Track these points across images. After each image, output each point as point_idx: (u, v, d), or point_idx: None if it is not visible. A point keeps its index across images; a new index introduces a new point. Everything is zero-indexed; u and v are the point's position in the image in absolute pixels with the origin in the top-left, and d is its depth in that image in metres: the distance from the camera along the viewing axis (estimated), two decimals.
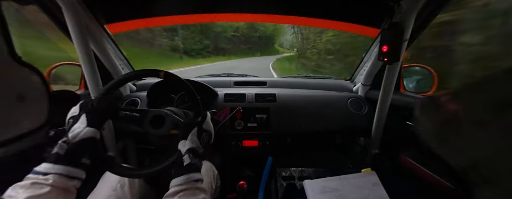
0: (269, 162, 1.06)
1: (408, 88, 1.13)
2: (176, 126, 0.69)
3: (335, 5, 1.02)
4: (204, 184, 0.79)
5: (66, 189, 0.48)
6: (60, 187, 0.47)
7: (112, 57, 1.07)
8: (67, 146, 0.51)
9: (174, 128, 0.68)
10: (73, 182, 0.50)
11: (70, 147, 0.51)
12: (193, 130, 0.63)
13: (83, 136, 0.54)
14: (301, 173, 1.20)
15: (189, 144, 0.60)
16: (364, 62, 1.25)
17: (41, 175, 0.46)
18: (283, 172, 1.20)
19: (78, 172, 0.51)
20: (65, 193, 0.48)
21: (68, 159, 0.50)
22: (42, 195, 0.44)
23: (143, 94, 1.13)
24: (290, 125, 1.10)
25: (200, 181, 0.56)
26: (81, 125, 0.55)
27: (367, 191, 0.84)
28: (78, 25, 0.80)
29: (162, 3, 1.00)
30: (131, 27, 1.12)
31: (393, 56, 0.81)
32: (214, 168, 0.93)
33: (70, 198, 0.49)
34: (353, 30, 1.18)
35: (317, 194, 0.84)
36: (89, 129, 0.55)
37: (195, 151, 0.60)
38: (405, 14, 0.77)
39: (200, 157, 0.61)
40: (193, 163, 0.57)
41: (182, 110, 0.82)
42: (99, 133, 0.58)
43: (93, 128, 0.56)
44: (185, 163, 0.56)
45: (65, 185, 0.48)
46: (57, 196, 0.46)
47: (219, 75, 1.59)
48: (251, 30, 26.24)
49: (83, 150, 0.54)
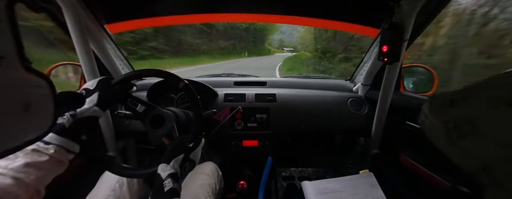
0: (269, 162, 1.06)
1: (408, 88, 1.13)
2: (170, 136, 0.68)
3: (335, 5, 1.02)
4: (208, 186, 0.80)
5: (61, 161, 0.49)
6: (57, 158, 0.48)
7: (112, 57, 1.07)
8: (73, 120, 0.52)
9: (167, 136, 0.67)
10: (68, 156, 0.51)
11: (75, 122, 0.53)
12: (178, 157, 0.60)
13: (90, 114, 0.57)
14: (301, 173, 1.20)
15: (170, 170, 0.57)
16: (364, 62, 1.25)
17: (43, 143, 0.47)
18: (283, 172, 1.20)
19: (75, 146, 0.52)
20: (60, 164, 0.49)
21: (71, 133, 0.51)
22: (40, 163, 0.45)
23: (143, 94, 1.13)
24: (290, 125, 1.10)
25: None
26: (91, 102, 0.58)
27: (365, 192, 0.84)
28: (78, 25, 0.80)
29: (162, 3, 1.00)
30: (131, 27, 1.12)
31: (393, 56, 0.81)
32: (218, 170, 0.93)
33: (61, 170, 0.51)
34: (353, 30, 1.18)
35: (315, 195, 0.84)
36: (97, 108, 0.58)
37: (176, 177, 0.57)
38: (405, 14, 0.77)
39: (179, 182, 0.58)
40: (174, 188, 0.54)
41: (182, 110, 0.82)
42: (103, 113, 0.60)
43: (100, 109, 0.59)
44: (166, 188, 0.53)
45: (61, 157, 0.49)
46: (53, 166, 0.48)
47: (219, 75, 1.59)
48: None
49: (85, 127, 0.56)
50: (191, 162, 0.63)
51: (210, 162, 0.92)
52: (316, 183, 0.88)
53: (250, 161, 1.19)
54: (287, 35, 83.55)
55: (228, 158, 1.19)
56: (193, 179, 0.79)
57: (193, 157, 0.64)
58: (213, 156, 1.27)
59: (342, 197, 0.82)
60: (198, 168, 0.85)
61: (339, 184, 0.88)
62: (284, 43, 75.73)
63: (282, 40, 78.07)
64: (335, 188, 0.86)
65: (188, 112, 0.83)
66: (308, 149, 1.37)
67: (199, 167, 0.87)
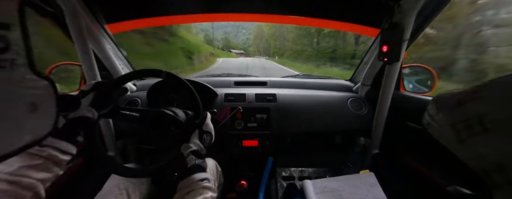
0: (269, 162, 1.06)
1: (408, 88, 1.13)
2: (176, 126, 0.69)
3: (335, 5, 1.02)
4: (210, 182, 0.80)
5: (57, 163, 0.49)
6: (53, 160, 0.48)
7: (112, 57, 1.07)
8: (65, 120, 0.53)
9: (174, 128, 0.68)
10: (65, 157, 0.51)
11: (68, 122, 0.53)
12: (194, 132, 0.64)
13: (82, 114, 0.56)
14: (301, 173, 1.20)
15: (191, 146, 0.61)
16: (364, 62, 1.25)
17: (37, 146, 0.47)
18: (283, 172, 1.20)
19: (71, 147, 0.52)
20: (56, 166, 0.49)
21: (65, 134, 0.51)
22: (35, 166, 0.45)
23: (143, 94, 1.13)
24: (290, 125, 1.10)
25: (206, 180, 0.57)
26: (85, 102, 0.58)
27: (365, 192, 0.84)
28: (78, 25, 0.80)
29: (162, 3, 1.00)
30: (131, 27, 1.12)
31: (393, 56, 0.81)
32: (217, 166, 0.94)
33: (58, 172, 0.50)
34: (353, 30, 1.18)
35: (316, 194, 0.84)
36: (90, 108, 0.58)
37: (198, 153, 0.61)
38: (405, 14, 0.77)
39: (203, 157, 0.62)
40: (197, 164, 0.58)
41: (182, 110, 0.82)
42: (97, 115, 0.60)
43: (93, 109, 0.59)
44: (189, 165, 0.57)
45: (57, 159, 0.49)
46: (48, 168, 0.47)
47: (219, 75, 1.59)
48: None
49: (79, 127, 0.55)
50: (208, 133, 0.66)
51: (209, 159, 0.93)
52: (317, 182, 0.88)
53: (250, 161, 1.19)
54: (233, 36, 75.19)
55: (228, 158, 1.19)
56: None
57: (207, 128, 0.67)
58: (213, 156, 1.27)
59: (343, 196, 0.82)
60: None
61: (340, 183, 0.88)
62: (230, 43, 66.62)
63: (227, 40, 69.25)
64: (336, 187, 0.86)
65: (188, 112, 0.83)
66: (308, 149, 1.37)
67: None
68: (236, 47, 58.14)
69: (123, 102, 1.13)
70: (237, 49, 52.97)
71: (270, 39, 10.04)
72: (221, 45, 60.76)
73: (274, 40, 9.09)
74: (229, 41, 69.39)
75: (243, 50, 42.35)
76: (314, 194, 0.84)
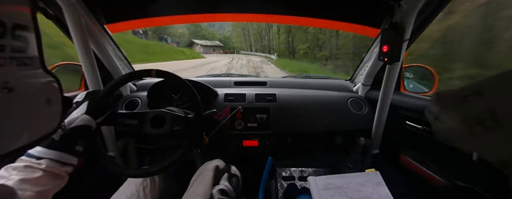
0: (269, 162, 1.06)
1: (408, 88, 1.13)
2: (178, 122, 0.69)
3: (335, 5, 1.02)
4: None
5: (57, 175, 0.49)
6: (52, 172, 0.48)
7: (112, 57, 1.08)
8: (62, 132, 0.51)
9: (176, 124, 0.69)
10: (65, 168, 0.50)
11: (65, 133, 0.52)
12: (224, 175, 0.72)
13: (79, 123, 0.55)
14: (301, 173, 1.20)
15: (220, 186, 0.66)
16: (364, 62, 1.25)
17: (35, 159, 0.46)
18: (283, 172, 1.20)
19: (70, 158, 0.51)
20: (57, 178, 0.49)
21: (62, 145, 0.50)
22: (34, 179, 0.44)
23: (143, 94, 1.13)
24: (290, 125, 1.10)
25: None
26: (79, 112, 0.57)
27: (370, 189, 0.84)
28: (78, 25, 0.80)
29: (162, 3, 1.00)
30: (131, 27, 1.12)
31: (393, 56, 0.81)
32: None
33: (61, 183, 0.50)
34: (353, 30, 1.18)
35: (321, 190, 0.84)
36: (86, 116, 0.57)
37: (226, 193, 0.66)
38: (405, 14, 0.77)
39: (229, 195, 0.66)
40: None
41: (182, 110, 0.82)
42: (94, 123, 0.59)
43: (90, 116, 0.57)
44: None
45: (57, 171, 0.48)
46: (49, 180, 0.47)
47: (219, 75, 1.59)
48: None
49: (77, 137, 0.54)
50: (235, 177, 0.75)
51: (218, 160, 0.93)
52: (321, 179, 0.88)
53: (250, 161, 1.19)
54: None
55: (228, 158, 1.19)
56: (202, 175, 0.81)
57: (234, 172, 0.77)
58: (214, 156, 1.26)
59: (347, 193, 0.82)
60: (207, 165, 0.87)
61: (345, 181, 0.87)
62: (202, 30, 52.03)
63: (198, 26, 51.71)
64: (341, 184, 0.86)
65: (188, 112, 0.83)
66: (308, 149, 1.37)
67: (208, 164, 0.88)
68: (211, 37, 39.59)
69: (123, 102, 1.13)
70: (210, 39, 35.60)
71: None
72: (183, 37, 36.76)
73: None
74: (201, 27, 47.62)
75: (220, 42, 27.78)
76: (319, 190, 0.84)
